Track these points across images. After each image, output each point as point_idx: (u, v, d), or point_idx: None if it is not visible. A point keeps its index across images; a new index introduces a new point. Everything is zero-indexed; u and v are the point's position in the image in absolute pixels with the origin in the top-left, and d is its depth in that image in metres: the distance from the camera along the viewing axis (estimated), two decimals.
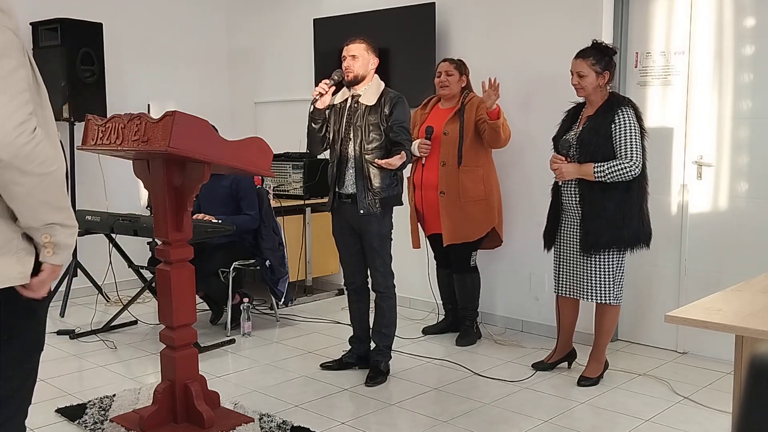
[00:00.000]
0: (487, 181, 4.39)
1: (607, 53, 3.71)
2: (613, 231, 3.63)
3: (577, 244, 3.75)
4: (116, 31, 5.77)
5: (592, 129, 3.65)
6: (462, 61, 4.48)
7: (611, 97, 3.72)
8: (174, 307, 3.22)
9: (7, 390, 1.83)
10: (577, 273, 3.81)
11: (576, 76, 3.71)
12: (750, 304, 2.13)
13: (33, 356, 1.89)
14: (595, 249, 3.67)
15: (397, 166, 3.67)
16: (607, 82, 3.72)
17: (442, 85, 4.43)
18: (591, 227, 3.66)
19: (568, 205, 3.80)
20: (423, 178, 4.44)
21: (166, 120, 2.80)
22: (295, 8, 6.05)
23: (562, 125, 3.88)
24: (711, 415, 3.44)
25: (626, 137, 3.58)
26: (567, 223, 3.83)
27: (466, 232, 4.39)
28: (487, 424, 3.36)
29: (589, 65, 3.68)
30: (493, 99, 4.08)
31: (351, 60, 3.79)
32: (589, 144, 3.63)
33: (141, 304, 5.31)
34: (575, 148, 3.69)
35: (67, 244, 1.79)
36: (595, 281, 3.73)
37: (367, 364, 3.99)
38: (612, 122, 3.62)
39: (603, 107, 3.69)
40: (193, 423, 3.23)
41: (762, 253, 3.95)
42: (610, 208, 3.62)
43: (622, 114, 3.61)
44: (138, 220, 4.46)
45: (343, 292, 4.37)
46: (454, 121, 4.34)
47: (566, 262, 3.86)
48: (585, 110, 3.81)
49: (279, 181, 5.77)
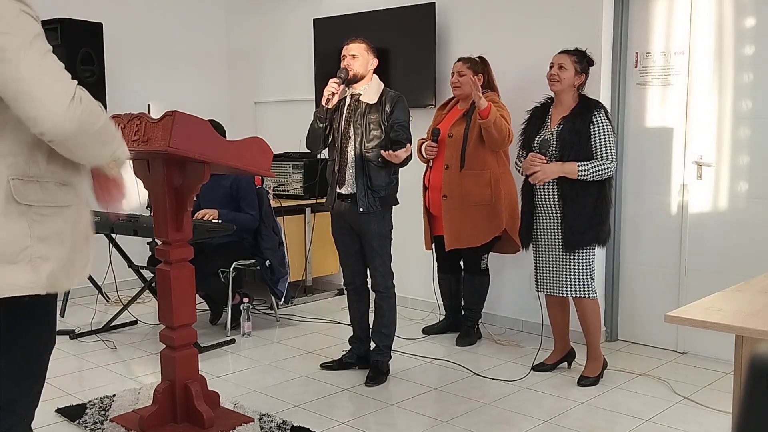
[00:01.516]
0: (495, 185, 4.29)
1: (588, 60, 3.85)
2: (593, 228, 3.72)
3: (557, 241, 3.80)
4: (116, 31, 5.77)
5: (573, 130, 3.73)
6: (478, 60, 4.41)
7: (584, 99, 3.81)
8: (174, 307, 3.22)
9: (15, 393, 1.84)
10: (555, 270, 3.84)
11: (556, 67, 3.81)
12: (750, 304, 2.13)
13: (41, 360, 1.90)
14: (579, 246, 3.74)
15: (402, 159, 3.65)
16: (580, 85, 3.83)
17: (454, 86, 4.40)
18: (574, 225, 3.72)
19: (544, 204, 3.83)
20: (431, 179, 4.43)
21: (166, 120, 2.80)
22: (295, 8, 6.05)
23: (530, 125, 3.92)
24: (711, 415, 3.44)
25: (604, 138, 3.70)
26: (543, 221, 3.86)
27: (468, 236, 4.34)
28: (487, 424, 3.36)
29: (572, 61, 3.80)
30: (477, 98, 4.00)
31: (351, 59, 3.80)
32: (572, 144, 3.70)
33: (141, 304, 5.31)
34: (554, 148, 3.74)
35: (126, 156, 1.92)
36: (574, 276, 3.78)
37: (367, 364, 3.99)
38: (591, 123, 3.71)
39: (578, 108, 3.77)
40: (193, 423, 3.23)
41: (762, 253, 3.95)
42: (589, 206, 3.71)
43: (599, 116, 3.73)
44: (138, 220, 4.46)
45: (343, 292, 4.37)
46: (460, 123, 4.31)
47: (545, 260, 3.89)
48: (554, 110, 3.87)
49: (279, 181, 5.77)
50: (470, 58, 4.43)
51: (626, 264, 4.52)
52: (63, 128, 1.67)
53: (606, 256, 4.50)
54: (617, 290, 4.55)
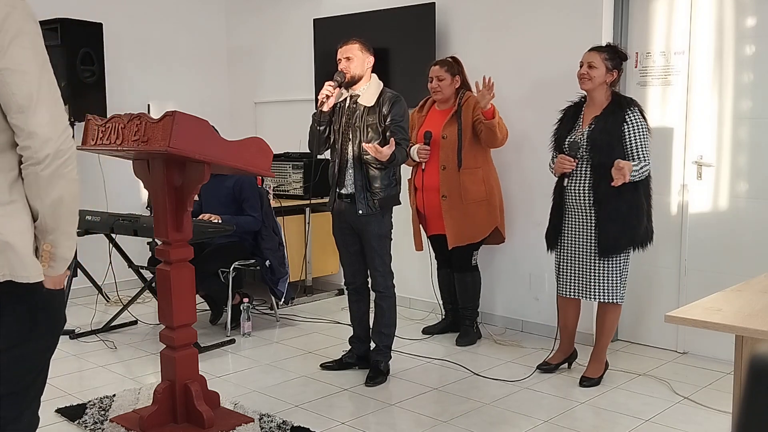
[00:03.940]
0: (487, 181, 4.39)
1: (621, 56, 3.75)
2: (628, 232, 3.64)
3: (590, 245, 3.72)
4: (116, 31, 5.78)
5: (604, 130, 3.63)
6: (453, 61, 4.43)
7: (617, 98, 3.71)
8: (174, 307, 3.22)
9: (27, 381, 1.92)
10: (584, 274, 3.78)
11: (586, 66, 3.70)
12: (750, 304, 2.13)
13: (51, 349, 1.98)
14: (615, 251, 3.66)
15: (387, 156, 3.63)
16: (613, 82, 3.73)
17: (434, 91, 4.41)
18: (609, 230, 3.63)
19: (576, 206, 3.75)
20: (424, 181, 4.43)
21: (166, 120, 2.80)
22: (295, 8, 6.05)
23: (563, 125, 3.85)
24: (711, 415, 3.44)
25: (640, 139, 3.60)
26: (574, 224, 3.79)
27: (471, 233, 4.39)
28: (487, 424, 3.36)
29: (602, 59, 3.69)
30: (487, 99, 4.03)
31: (346, 62, 3.79)
32: (603, 145, 3.61)
33: (141, 304, 5.31)
34: (585, 149, 3.68)
35: (65, 258, 1.88)
36: (607, 282, 3.72)
37: (367, 364, 3.99)
38: (624, 122, 3.61)
39: (610, 107, 3.68)
40: (193, 423, 3.23)
41: (762, 253, 3.95)
42: (623, 210, 3.62)
43: (633, 115, 3.62)
44: (138, 220, 4.46)
45: (343, 292, 4.37)
46: (451, 123, 4.33)
47: (572, 263, 3.82)
48: (587, 109, 3.79)
49: (279, 181, 5.77)
50: (445, 60, 4.45)
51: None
52: (52, 146, 1.76)
53: None
54: None
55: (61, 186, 1.80)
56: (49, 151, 1.76)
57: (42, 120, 1.76)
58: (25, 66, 1.75)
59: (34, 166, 1.77)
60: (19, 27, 1.75)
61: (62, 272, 1.90)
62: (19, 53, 1.74)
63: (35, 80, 1.76)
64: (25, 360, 1.89)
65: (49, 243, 1.83)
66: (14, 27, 1.74)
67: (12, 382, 1.88)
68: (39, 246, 1.83)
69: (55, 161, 1.77)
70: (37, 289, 1.83)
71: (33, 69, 1.76)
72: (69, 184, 1.81)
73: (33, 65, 1.76)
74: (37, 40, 1.80)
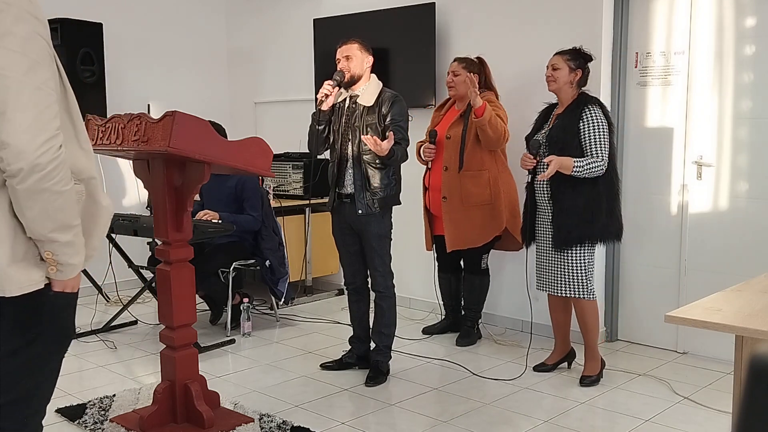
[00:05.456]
0: (494, 184, 4.29)
1: (584, 57, 3.85)
2: (582, 226, 3.71)
3: (549, 239, 3.82)
4: (116, 31, 5.78)
5: (561, 126, 3.74)
6: (475, 60, 4.40)
7: (581, 97, 3.81)
8: (174, 307, 3.22)
9: (29, 388, 1.88)
10: (551, 268, 3.87)
11: (550, 68, 3.84)
12: (750, 304, 2.13)
13: (56, 357, 1.94)
14: (567, 244, 3.74)
15: (385, 150, 3.61)
16: (578, 81, 3.82)
17: (449, 86, 4.40)
18: (562, 223, 3.73)
19: (541, 202, 3.86)
20: (430, 180, 4.43)
21: (166, 120, 2.80)
22: (295, 8, 6.05)
23: (535, 125, 3.97)
24: (711, 415, 3.44)
25: (593, 135, 3.67)
26: (541, 219, 3.89)
27: (470, 237, 4.34)
28: (487, 424, 3.36)
29: (564, 60, 3.82)
30: (473, 95, 4.02)
31: (345, 61, 3.78)
32: (558, 141, 3.71)
33: (141, 304, 5.31)
34: (545, 147, 3.77)
35: (70, 263, 1.79)
36: (567, 276, 3.79)
37: (367, 364, 3.99)
38: (579, 119, 3.70)
39: (572, 106, 3.78)
40: (193, 423, 3.23)
41: (762, 253, 3.95)
42: (579, 204, 3.70)
43: (589, 112, 3.70)
44: (138, 220, 4.46)
45: (343, 292, 4.37)
46: (458, 124, 4.31)
47: (543, 259, 3.92)
48: (556, 110, 3.90)
49: (279, 181, 5.78)
50: (466, 58, 4.43)
51: (626, 264, 4.52)
52: (26, 160, 1.64)
53: (606, 256, 4.50)
54: (617, 290, 4.55)
55: (44, 200, 1.68)
56: (22, 165, 1.63)
57: (17, 128, 1.63)
58: (7, 70, 1.64)
59: (10, 178, 1.66)
60: (7, 28, 1.66)
61: (73, 276, 1.81)
62: (1, 55, 1.64)
63: (14, 84, 1.64)
64: (22, 367, 1.84)
65: (48, 251, 1.75)
66: (1, 28, 1.65)
67: (10, 390, 1.83)
68: (41, 252, 1.76)
69: (31, 176, 1.64)
70: (26, 298, 1.75)
71: (14, 72, 1.65)
72: (53, 197, 1.68)
73: (15, 68, 1.65)
74: (29, 43, 1.69)
